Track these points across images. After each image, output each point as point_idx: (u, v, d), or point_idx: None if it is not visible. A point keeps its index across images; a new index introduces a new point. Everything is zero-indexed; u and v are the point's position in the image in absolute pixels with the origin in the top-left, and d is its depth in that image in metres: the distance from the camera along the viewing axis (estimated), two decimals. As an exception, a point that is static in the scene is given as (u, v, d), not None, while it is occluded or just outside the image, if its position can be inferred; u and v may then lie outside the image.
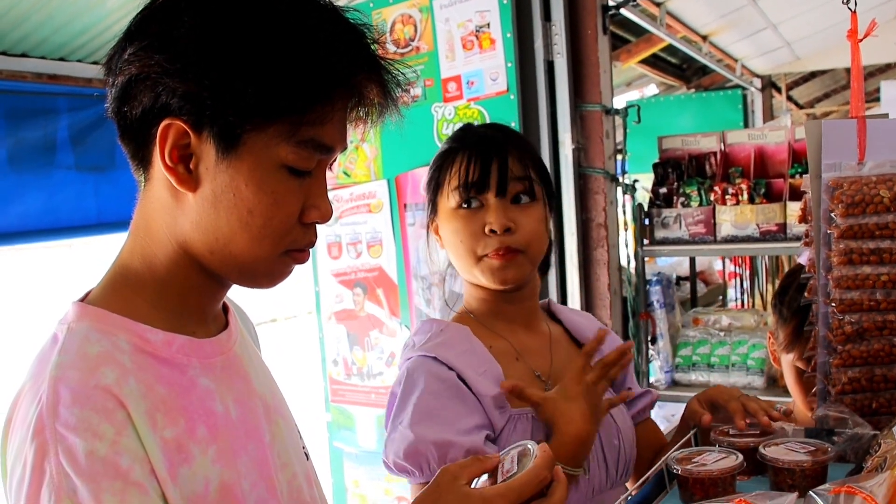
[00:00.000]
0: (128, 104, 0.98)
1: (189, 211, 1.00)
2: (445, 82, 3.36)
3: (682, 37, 5.97)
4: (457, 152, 1.62)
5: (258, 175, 0.98)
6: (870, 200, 1.38)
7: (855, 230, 1.39)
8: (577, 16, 3.23)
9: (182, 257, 1.02)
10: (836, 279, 1.41)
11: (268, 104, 0.95)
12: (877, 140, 1.42)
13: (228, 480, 1.00)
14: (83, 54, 3.59)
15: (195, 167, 0.98)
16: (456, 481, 1.02)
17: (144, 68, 0.95)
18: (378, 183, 3.62)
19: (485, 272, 1.59)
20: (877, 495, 0.96)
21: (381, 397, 3.74)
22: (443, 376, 1.54)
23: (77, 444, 0.87)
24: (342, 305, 3.84)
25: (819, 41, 7.58)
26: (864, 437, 1.36)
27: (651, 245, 3.42)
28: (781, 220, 3.15)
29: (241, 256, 1.01)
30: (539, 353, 1.68)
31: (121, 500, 0.87)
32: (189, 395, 1.00)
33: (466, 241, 1.58)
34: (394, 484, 3.74)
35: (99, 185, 3.72)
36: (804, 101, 11.92)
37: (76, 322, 0.98)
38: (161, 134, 0.96)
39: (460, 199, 1.59)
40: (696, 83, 8.58)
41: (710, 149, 3.52)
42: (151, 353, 0.99)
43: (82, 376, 0.92)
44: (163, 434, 0.94)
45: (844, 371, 1.44)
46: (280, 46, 0.95)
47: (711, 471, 1.26)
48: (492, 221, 1.56)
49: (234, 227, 0.99)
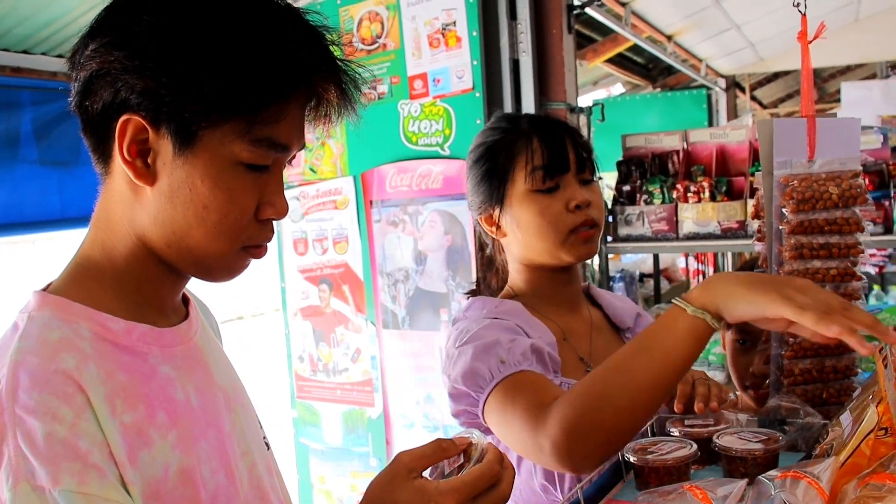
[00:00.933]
0: (89, 99, 1.00)
1: (147, 204, 1.01)
2: (412, 79, 3.38)
3: (647, 37, 6.04)
4: (517, 140, 1.66)
5: (214, 171, 0.99)
6: (819, 197, 1.42)
7: (805, 226, 1.43)
8: (542, 15, 3.26)
9: (140, 249, 1.04)
10: (788, 273, 1.44)
11: (223, 102, 0.97)
12: (826, 138, 1.46)
13: (188, 466, 1.01)
14: (47, 47, 3.56)
15: (153, 162, 0.99)
16: (410, 473, 1.01)
17: (105, 64, 0.97)
18: (344, 179, 3.64)
19: (573, 247, 1.63)
20: (821, 479, 0.99)
21: (347, 393, 3.76)
22: (498, 323, 1.57)
23: (36, 427, 0.88)
24: (308, 302, 3.85)
25: (782, 42, 7.69)
26: (814, 426, 1.40)
27: (615, 242, 3.46)
28: (742, 218, 3.20)
29: (196, 250, 1.02)
30: (582, 336, 1.72)
31: (79, 481, 0.88)
32: (149, 383, 1.01)
33: (554, 219, 1.62)
34: (360, 480, 3.75)
35: (63, 179, 3.69)
36: (768, 102, 12.07)
37: (37, 310, 0.99)
38: (120, 129, 0.97)
39: (540, 181, 1.62)
40: (662, 83, 8.67)
41: (673, 147, 3.57)
42: (112, 340, 1.00)
43: (42, 361, 0.93)
44: (122, 419, 0.95)
45: (796, 362, 1.48)
46: (236, 46, 0.96)
47: (666, 460, 1.29)
48: (578, 198, 1.62)
49: (191, 221, 1.00)
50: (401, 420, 3.59)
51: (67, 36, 3.51)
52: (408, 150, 3.43)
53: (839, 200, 1.43)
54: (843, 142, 1.48)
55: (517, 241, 1.68)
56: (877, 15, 7.52)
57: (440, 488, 0.99)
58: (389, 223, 3.54)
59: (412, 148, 3.41)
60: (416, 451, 1.04)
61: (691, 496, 1.00)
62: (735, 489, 1.06)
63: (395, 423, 3.61)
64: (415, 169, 3.43)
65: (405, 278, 3.53)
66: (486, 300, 1.70)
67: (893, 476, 0.96)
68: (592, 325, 1.76)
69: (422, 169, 3.40)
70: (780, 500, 0.97)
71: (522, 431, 1.37)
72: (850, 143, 1.50)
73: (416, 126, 3.38)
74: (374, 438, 3.67)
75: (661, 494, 1.05)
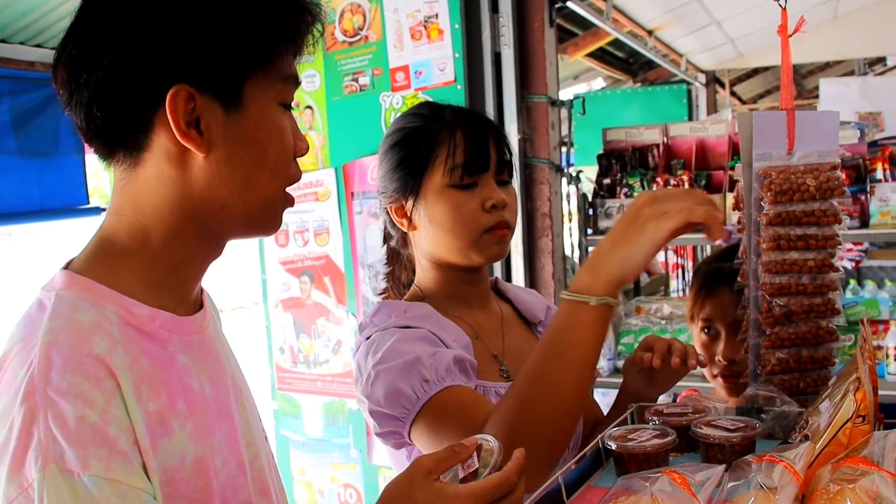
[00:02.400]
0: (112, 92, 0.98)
1: (199, 174, 1.02)
2: (393, 72, 3.38)
3: (628, 31, 6.06)
4: (441, 131, 1.60)
5: (265, 117, 1.04)
6: (797, 189, 1.43)
7: (783, 217, 1.45)
8: (524, 8, 3.28)
9: (184, 227, 1.04)
10: (766, 264, 1.46)
11: (256, 51, 1.02)
12: (805, 131, 1.47)
13: (202, 456, 1.02)
14: (25, 37, 3.53)
15: (206, 128, 1.01)
16: (430, 476, 1.03)
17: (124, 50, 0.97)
18: (325, 171, 3.63)
19: (484, 248, 1.58)
20: (796, 464, 1.01)
21: (328, 385, 3.76)
22: (412, 333, 1.52)
23: (68, 410, 0.88)
24: (289, 293, 3.85)
25: (761, 38, 7.74)
26: (790, 414, 1.42)
27: (595, 235, 3.49)
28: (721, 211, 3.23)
29: (258, 199, 1.06)
30: (494, 333, 1.68)
31: (106, 467, 0.88)
32: (170, 371, 1.02)
33: (469, 217, 1.56)
34: (340, 471, 3.76)
35: (43, 170, 3.67)
36: (747, 97, 12.15)
37: (65, 290, 0.99)
38: (170, 104, 0.97)
39: (459, 177, 1.56)
40: (643, 77, 8.70)
41: (653, 141, 3.60)
42: (136, 326, 1.00)
43: (75, 343, 0.93)
44: (146, 406, 0.95)
45: (773, 352, 1.49)
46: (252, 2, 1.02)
47: (645, 447, 1.31)
48: (495, 198, 1.56)
49: (250, 172, 1.04)
50: (381, 412, 3.59)
51: (46, 25, 3.48)
52: (389, 143, 3.43)
53: (816, 192, 1.45)
54: (822, 135, 1.49)
55: (428, 236, 1.60)
56: (855, 12, 7.58)
57: (458, 492, 1.01)
58: (371, 215, 3.54)
59: (392, 132, 3.42)
60: (435, 456, 1.07)
61: (670, 480, 1.01)
62: (713, 474, 1.07)
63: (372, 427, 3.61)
64: (396, 161, 3.43)
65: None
66: (394, 305, 1.63)
67: (866, 460, 0.98)
68: (503, 320, 1.72)
69: (403, 161, 3.40)
70: (757, 483, 0.99)
71: None
72: (828, 136, 1.52)
73: (398, 118, 3.39)
74: (355, 430, 3.68)
75: (639, 479, 1.07)
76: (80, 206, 3.91)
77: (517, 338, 1.71)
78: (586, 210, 3.49)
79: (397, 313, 1.58)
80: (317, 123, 3.64)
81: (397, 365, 1.45)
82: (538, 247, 3.32)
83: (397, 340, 1.50)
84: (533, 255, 3.33)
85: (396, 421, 1.47)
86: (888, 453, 1.02)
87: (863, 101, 7.55)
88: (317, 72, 3.57)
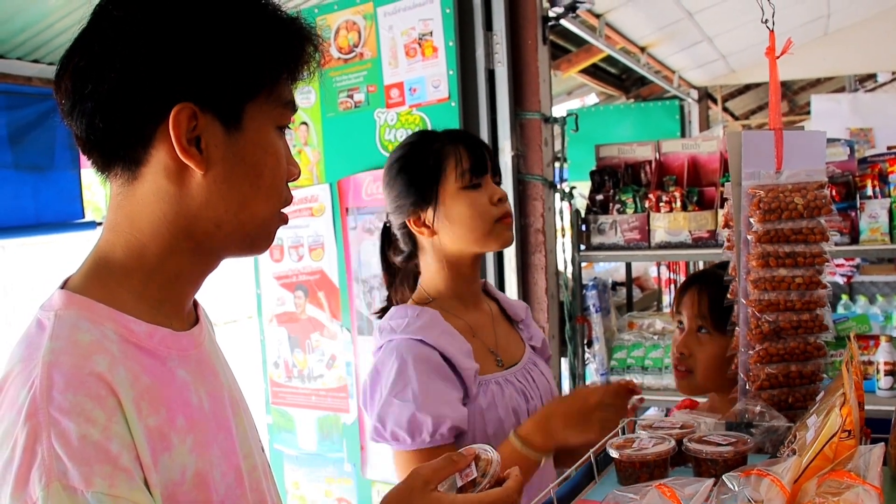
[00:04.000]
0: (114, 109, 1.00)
1: (196, 192, 1.04)
2: (388, 89, 3.41)
3: (620, 48, 6.10)
4: (444, 147, 1.89)
5: (263, 139, 1.07)
6: (785, 207, 1.46)
7: (772, 235, 1.47)
8: (517, 26, 3.31)
9: (179, 244, 1.06)
10: (755, 281, 1.48)
11: (259, 73, 1.05)
12: (793, 150, 1.50)
13: (202, 469, 1.03)
14: (23, 52, 3.55)
15: (206, 147, 1.03)
16: (427, 486, 1.09)
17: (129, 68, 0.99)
18: (320, 187, 3.66)
19: (499, 236, 1.88)
20: (783, 477, 1.03)
21: (322, 399, 3.77)
22: (431, 358, 1.80)
23: (70, 428, 0.89)
24: (283, 308, 3.86)
25: (753, 55, 7.79)
26: (779, 429, 1.44)
27: (588, 251, 3.51)
28: (713, 227, 3.26)
29: (253, 219, 1.08)
30: (487, 329, 1.96)
31: (110, 484, 0.89)
32: (170, 386, 1.04)
33: (482, 212, 1.86)
34: (334, 485, 3.77)
35: (38, 184, 3.68)
36: (740, 113, 12.21)
37: (63, 309, 1.00)
38: (174, 121, 1.00)
39: (468, 180, 1.86)
40: (635, 93, 8.75)
41: (646, 157, 3.62)
42: (136, 343, 1.02)
43: (76, 362, 0.94)
44: (147, 422, 0.97)
45: (762, 367, 1.52)
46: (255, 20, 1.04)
47: (646, 455, 1.33)
48: (499, 193, 1.88)
49: (246, 192, 1.06)
50: (375, 426, 3.60)
51: (44, 41, 3.50)
52: (384, 159, 3.41)
53: (804, 211, 1.47)
54: (810, 154, 1.52)
55: (449, 234, 1.88)
56: (846, 29, 7.65)
57: (457, 501, 1.03)
58: (365, 230, 3.56)
59: (388, 156, 3.43)
60: (432, 465, 1.12)
61: (659, 494, 1.03)
62: (702, 488, 1.09)
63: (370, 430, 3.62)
64: (391, 177, 3.45)
65: (380, 285, 3.54)
66: (406, 308, 1.91)
67: (851, 474, 1.00)
68: (493, 317, 2.02)
69: (398, 177, 3.43)
70: (744, 497, 1.01)
71: None
72: (815, 155, 1.55)
73: (393, 134, 3.41)
74: (349, 444, 3.69)
75: (629, 493, 1.09)
76: (76, 221, 3.92)
77: (504, 333, 2.02)
78: (579, 226, 3.51)
79: (410, 317, 1.86)
80: (312, 139, 3.66)
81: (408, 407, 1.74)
82: (531, 262, 3.34)
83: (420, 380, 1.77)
84: (526, 271, 3.35)
85: (388, 444, 1.80)
86: (872, 467, 1.04)
87: (854, 118, 7.61)
88: (312, 88, 3.59)
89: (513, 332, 2.05)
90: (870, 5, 7.21)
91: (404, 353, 1.81)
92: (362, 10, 3.44)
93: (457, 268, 1.93)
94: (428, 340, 1.82)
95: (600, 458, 1.46)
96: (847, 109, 7.72)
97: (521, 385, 1.91)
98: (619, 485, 1.36)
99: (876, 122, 7.48)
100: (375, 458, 3.59)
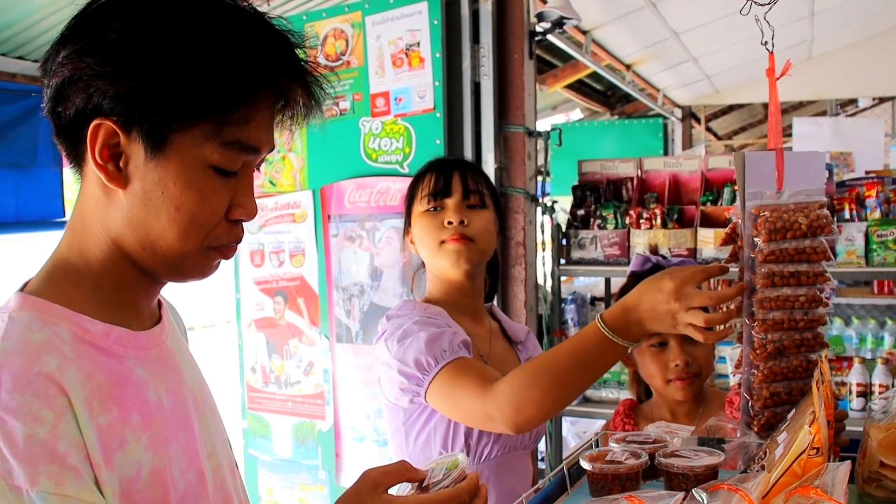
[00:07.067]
0: (62, 105, 1.01)
1: (120, 207, 1.03)
2: (374, 97, 3.42)
3: (606, 65, 6.15)
4: (425, 173, 2.06)
5: (185, 174, 1.02)
6: (789, 227, 1.46)
7: (777, 254, 1.47)
8: (504, 40, 3.33)
9: (115, 252, 1.06)
10: (760, 301, 1.48)
11: (192, 105, 0.99)
12: (793, 171, 1.51)
13: (159, 466, 1.03)
14: (6, 49, 3.54)
15: (125, 165, 1.01)
16: (377, 489, 1.08)
17: (77, 70, 0.99)
18: (303, 193, 3.66)
19: (445, 255, 1.98)
20: (752, 493, 1.05)
21: (298, 406, 3.76)
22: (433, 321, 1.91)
23: (17, 428, 0.89)
24: (262, 313, 3.85)
25: (737, 76, 7.88)
26: (751, 445, 1.45)
27: (567, 265, 3.53)
28: (692, 245, 3.29)
29: (168, 251, 1.05)
30: (483, 339, 2.06)
31: (56, 483, 0.89)
32: (125, 385, 1.03)
33: (432, 233, 1.98)
34: (308, 492, 3.76)
35: (19, 181, 3.66)
36: (723, 133, 12.31)
37: (18, 311, 1.00)
38: (91, 134, 0.99)
39: (428, 204, 2.00)
40: (620, 110, 8.81)
41: (628, 174, 3.65)
42: (91, 342, 1.02)
43: (25, 362, 0.94)
44: (98, 421, 0.97)
45: (766, 386, 1.52)
46: (203, 49, 0.99)
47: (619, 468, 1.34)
48: (450, 215, 1.97)
49: (163, 223, 1.03)
50: (351, 433, 3.60)
51: (28, 38, 3.50)
52: (367, 167, 3.47)
53: (808, 230, 1.48)
54: (808, 174, 1.53)
55: (419, 252, 2.05)
56: (828, 53, 7.75)
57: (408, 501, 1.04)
58: (347, 238, 3.57)
59: (372, 165, 3.45)
60: (382, 469, 1.11)
61: (630, 506, 1.04)
62: (672, 501, 1.11)
63: (346, 437, 3.62)
64: (373, 185, 3.46)
65: (360, 293, 3.55)
66: (414, 302, 2.05)
67: (818, 490, 1.02)
68: (492, 332, 2.13)
69: (380, 186, 3.44)
70: (713, 510, 1.02)
71: (471, 404, 1.73)
72: (814, 175, 1.56)
73: (377, 143, 3.42)
74: (324, 451, 3.68)
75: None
76: (56, 220, 3.91)
77: (501, 349, 2.11)
78: (560, 240, 3.53)
79: (419, 308, 1.98)
80: (296, 146, 3.67)
81: (423, 336, 1.84)
82: (511, 275, 3.35)
83: (422, 322, 1.90)
84: (506, 283, 3.36)
85: (419, 379, 1.83)
86: (839, 484, 1.06)
87: (834, 141, 7.69)
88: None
89: (510, 352, 2.13)
90: (853, 31, 7.31)
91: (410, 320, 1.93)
92: (350, 19, 3.46)
93: (448, 281, 2.04)
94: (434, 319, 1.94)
95: (573, 470, 1.48)
96: (828, 133, 7.81)
97: None
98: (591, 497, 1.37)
99: (856, 147, 7.56)
100: (350, 465, 3.59)
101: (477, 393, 1.71)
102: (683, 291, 1.52)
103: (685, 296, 1.52)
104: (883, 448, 1.27)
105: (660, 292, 1.54)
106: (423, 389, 1.84)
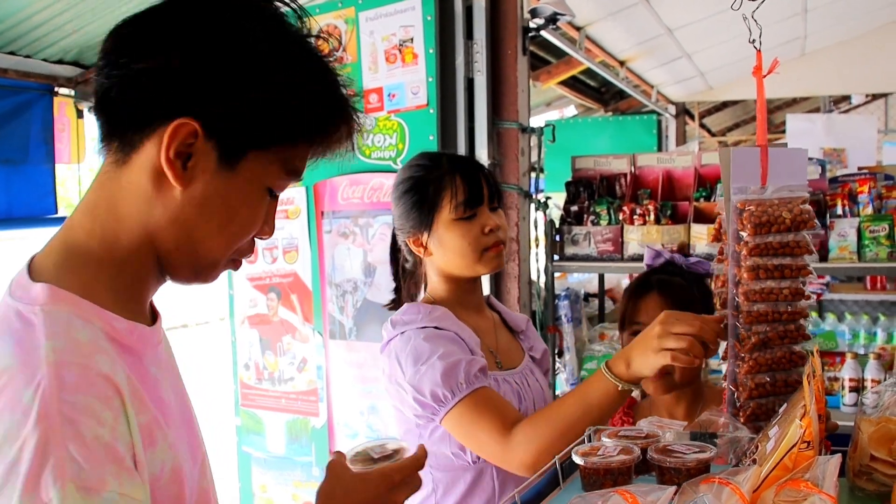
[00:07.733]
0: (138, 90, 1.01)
1: (170, 205, 1.03)
2: (367, 93, 3.41)
3: (600, 61, 6.15)
4: (443, 177, 1.99)
5: (248, 190, 1.06)
6: (774, 221, 1.50)
7: (761, 248, 1.51)
8: (498, 36, 3.33)
9: (146, 245, 1.06)
10: (745, 293, 1.51)
11: (282, 131, 1.04)
12: (776, 167, 1.54)
13: (177, 464, 1.05)
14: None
15: (193, 167, 1.02)
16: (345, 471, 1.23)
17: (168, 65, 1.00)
18: (296, 189, 3.65)
19: (487, 263, 1.99)
20: (743, 486, 1.05)
21: (292, 402, 3.76)
22: (444, 334, 1.93)
23: (83, 430, 0.90)
24: (256, 310, 3.85)
25: (730, 73, 7.88)
26: (742, 439, 1.46)
27: (561, 261, 3.53)
28: (685, 241, 3.29)
29: (204, 255, 1.07)
30: (489, 333, 2.09)
31: (119, 483, 0.90)
32: (147, 384, 1.04)
33: (473, 242, 1.97)
34: (302, 489, 3.76)
35: (10, 178, 3.65)
36: (716, 130, 12.33)
37: (50, 305, 0.98)
38: (173, 130, 0.99)
39: (462, 212, 1.97)
40: (614, 107, 8.81)
41: (621, 170, 3.66)
42: (118, 340, 1.02)
43: (82, 362, 0.94)
44: (139, 420, 0.98)
45: (751, 377, 1.54)
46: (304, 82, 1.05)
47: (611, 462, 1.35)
48: (490, 223, 1.99)
49: (212, 229, 1.05)
50: (344, 430, 3.60)
51: (20, 33, 3.47)
52: (361, 163, 3.46)
53: (791, 224, 1.51)
54: (792, 170, 1.56)
55: (442, 258, 2.01)
56: (822, 50, 7.76)
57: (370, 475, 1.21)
58: (340, 234, 3.57)
59: (365, 161, 3.45)
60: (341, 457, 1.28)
61: (622, 500, 1.05)
62: (664, 495, 1.11)
63: (339, 433, 3.62)
64: (367, 182, 3.46)
65: (353, 289, 3.55)
66: (419, 306, 2.02)
67: (808, 483, 1.02)
68: (495, 324, 2.16)
69: (374, 182, 3.44)
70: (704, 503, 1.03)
71: (488, 446, 1.81)
72: (797, 171, 1.59)
73: (370, 139, 3.42)
74: (318, 448, 3.68)
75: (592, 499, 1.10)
76: (48, 216, 3.90)
77: (506, 339, 2.15)
78: (553, 236, 3.53)
79: (423, 313, 1.97)
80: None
81: (438, 367, 1.84)
82: (504, 271, 3.35)
83: (435, 341, 1.90)
84: (499, 279, 3.36)
85: (434, 409, 1.86)
86: (829, 476, 1.06)
87: (828, 138, 7.71)
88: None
89: (514, 341, 2.17)
90: (846, 28, 7.32)
91: (421, 333, 1.93)
92: (344, 15, 3.45)
93: (455, 282, 2.06)
94: (442, 327, 1.94)
95: (566, 465, 1.48)
96: (821, 129, 7.82)
97: (517, 387, 2.00)
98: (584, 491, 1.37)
99: (849, 143, 7.59)
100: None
101: (494, 436, 1.79)
102: (668, 319, 1.63)
103: (669, 322, 1.62)
104: (874, 441, 1.28)
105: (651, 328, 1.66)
106: (438, 418, 1.87)
